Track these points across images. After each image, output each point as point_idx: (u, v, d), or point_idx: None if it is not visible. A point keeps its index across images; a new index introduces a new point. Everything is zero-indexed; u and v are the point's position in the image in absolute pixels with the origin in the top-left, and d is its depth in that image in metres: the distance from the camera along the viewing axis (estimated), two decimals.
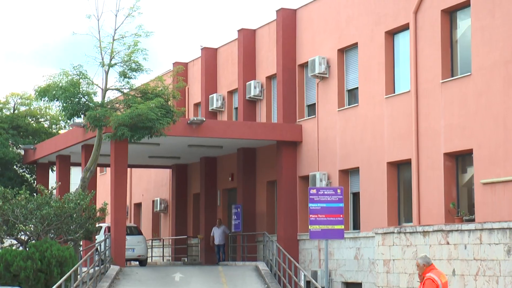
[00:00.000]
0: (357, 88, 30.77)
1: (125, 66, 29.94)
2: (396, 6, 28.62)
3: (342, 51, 31.64)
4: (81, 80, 29.58)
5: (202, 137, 32.94)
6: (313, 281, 25.21)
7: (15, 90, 56.82)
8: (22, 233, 28.11)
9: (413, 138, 27.46)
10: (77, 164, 38.95)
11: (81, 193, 29.39)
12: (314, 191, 25.01)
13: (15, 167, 42.39)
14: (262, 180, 36.25)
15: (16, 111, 43.68)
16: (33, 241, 27.15)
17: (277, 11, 34.39)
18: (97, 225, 30.97)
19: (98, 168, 40.94)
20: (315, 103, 32.95)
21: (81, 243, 30.98)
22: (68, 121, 32.80)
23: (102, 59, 29.89)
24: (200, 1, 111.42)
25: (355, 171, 30.76)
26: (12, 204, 27.67)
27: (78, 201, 28.66)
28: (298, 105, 34.04)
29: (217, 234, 36.42)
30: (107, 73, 30.01)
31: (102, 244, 31.21)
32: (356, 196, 30.68)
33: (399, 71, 29.07)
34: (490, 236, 22.43)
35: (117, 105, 30.34)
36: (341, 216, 24.90)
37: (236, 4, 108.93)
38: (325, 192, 25.19)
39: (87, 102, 29.66)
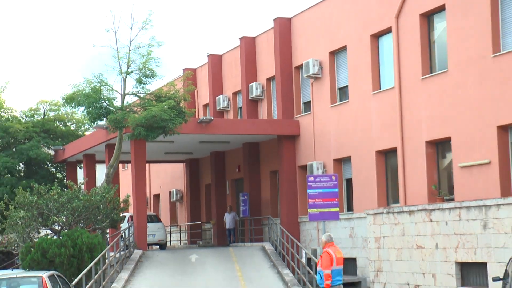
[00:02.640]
0: (347, 86, 30.79)
1: (140, 73, 29.97)
2: (379, 11, 28.64)
3: (333, 54, 31.65)
4: (102, 87, 29.64)
5: (211, 134, 33.03)
6: (313, 258, 25.29)
7: (45, 98, 56.79)
8: (56, 224, 28.10)
9: (398, 128, 27.51)
10: (102, 162, 39.13)
11: (106, 187, 29.57)
12: (311, 178, 25.08)
13: (47, 166, 42.51)
14: (265, 170, 36.32)
15: (46, 117, 43.70)
16: (66, 231, 27.26)
17: (274, 19, 34.44)
18: (121, 215, 30.93)
19: (120, 165, 40.83)
20: (310, 101, 33.03)
21: (107, 231, 31.05)
22: (92, 123, 32.77)
23: (120, 68, 29.97)
24: (205, 12, 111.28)
25: (347, 159, 30.81)
26: (45, 198, 27.70)
27: (104, 194, 28.80)
28: (295, 102, 34.11)
29: (228, 219, 36.60)
30: (125, 80, 30.08)
31: (126, 231, 31.47)
32: (349, 181, 30.75)
33: (384, 70, 29.06)
34: (468, 213, 22.51)
35: (135, 108, 30.34)
36: (336, 200, 24.99)
37: (237, 14, 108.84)
38: (321, 179, 25.25)
39: (108, 107, 29.72)
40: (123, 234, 30.94)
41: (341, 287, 16.99)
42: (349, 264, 29.89)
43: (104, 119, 30.09)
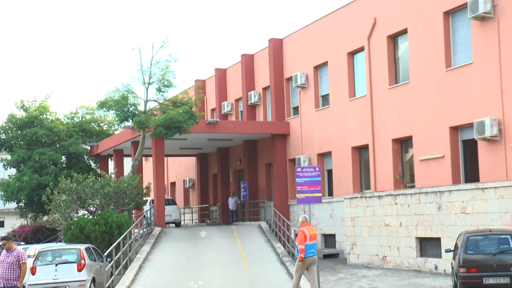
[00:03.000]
0: (328, 94, 30.79)
1: (160, 83, 30.00)
2: (354, 34, 28.69)
3: (317, 68, 31.66)
4: (128, 95, 29.74)
5: (217, 133, 32.96)
6: None
7: (82, 103, 56.96)
8: (91, 206, 28.19)
9: (369, 128, 27.57)
10: (128, 155, 39.16)
11: (131, 176, 29.53)
12: (299, 169, 25.06)
13: (84, 159, 42.54)
14: (261, 163, 36.30)
15: (83, 119, 43.58)
16: (99, 211, 27.25)
17: (269, 40, 34.46)
18: (144, 199, 30.97)
19: (143, 158, 40.83)
20: (298, 106, 32.99)
21: (133, 212, 30.95)
22: (120, 124, 32.89)
23: (143, 79, 30.01)
24: (213, 33, 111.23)
25: (328, 154, 30.83)
26: (83, 185, 27.71)
27: (130, 182, 28.80)
28: (286, 107, 34.08)
29: (231, 202, 36.45)
30: (147, 89, 30.11)
31: (148, 212, 31.40)
32: (329, 172, 30.74)
33: (358, 81, 29.05)
34: (426, 197, 22.67)
35: (155, 112, 30.35)
36: (319, 187, 24.91)
37: (239, 35, 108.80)
38: (307, 170, 25.21)
39: (133, 110, 29.83)
40: (146, 215, 30.86)
41: (315, 258, 17.09)
42: (330, 239, 30.08)
43: (130, 120, 30.16)
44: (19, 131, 41.38)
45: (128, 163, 39.47)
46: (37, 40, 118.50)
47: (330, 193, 30.53)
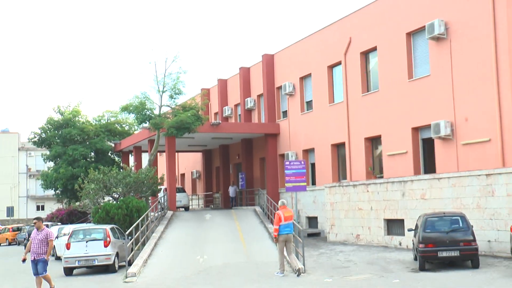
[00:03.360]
0: (312, 100, 30.71)
1: (172, 91, 29.91)
2: (333, 50, 28.63)
3: (302, 78, 31.58)
4: (146, 101, 29.63)
5: (219, 132, 32.88)
6: None
7: (108, 108, 56.91)
8: (115, 193, 28.23)
9: (345, 129, 27.52)
10: (145, 151, 38.96)
11: (148, 168, 29.57)
12: (288, 163, 25.05)
13: (109, 154, 42.62)
14: (256, 157, 36.21)
15: (108, 121, 43.75)
16: (121, 198, 27.32)
17: (262, 55, 34.33)
18: (158, 187, 30.94)
19: (158, 153, 40.99)
20: (286, 110, 32.92)
21: (149, 198, 31.00)
22: (139, 125, 32.92)
23: (158, 87, 29.96)
24: (216, 49, 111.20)
25: (312, 150, 30.77)
26: (108, 176, 27.82)
27: (147, 173, 28.86)
28: (277, 111, 33.98)
29: (231, 190, 36.29)
30: (161, 96, 30.04)
31: (162, 198, 31.33)
32: (313, 165, 30.68)
33: (336, 89, 28.99)
34: (392, 186, 22.71)
35: (168, 115, 30.29)
36: (304, 177, 25.01)
37: (238, 50, 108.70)
38: (294, 163, 25.19)
39: (150, 114, 29.73)
40: (160, 200, 30.82)
41: (289, 236, 17.14)
42: (313, 221, 30.06)
43: (147, 122, 30.09)
44: (56, 131, 41.48)
45: (145, 158, 39.45)
46: (72, 56, 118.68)
47: (313, 183, 30.47)
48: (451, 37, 21.79)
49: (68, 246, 20.26)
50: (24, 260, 15.49)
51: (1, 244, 43.65)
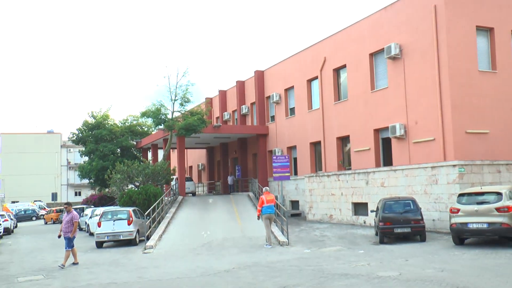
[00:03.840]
0: (294, 107, 30.50)
1: (182, 100, 29.67)
2: (311, 67, 28.46)
3: (287, 90, 31.38)
4: (161, 108, 29.45)
5: (220, 133, 32.69)
6: (276, 201, 25.45)
7: (130, 113, 56.57)
8: (136, 182, 28.14)
9: (321, 130, 27.36)
10: (161, 148, 38.79)
11: (163, 162, 29.44)
12: (275, 157, 25.06)
13: (132, 150, 42.47)
14: (250, 153, 36.02)
15: (131, 123, 43.53)
16: (142, 185, 27.24)
17: (254, 71, 33.98)
18: (171, 177, 30.80)
19: (171, 150, 40.87)
20: (274, 115, 32.70)
21: (164, 186, 30.90)
22: (156, 127, 32.79)
23: (171, 97, 29.74)
24: (217, 66, 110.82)
25: (294, 147, 30.58)
26: (131, 168, 27.74)
27: (162, 166, 28.70)
28: (266, 116, 33.67)
29: (229, 179, 36.05)
30: (173, 104, 29.79)
31: (174, 186, 31.23)
32: (295, 159, 30.48)
33: (314, 99, 28.76)
34: (358, 176, 22.71)
35: (178, 119, 30.09)
36: (288, 169, 24.99)
37: (235, 67, 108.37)
38: (280, 158, 25.20)
39: (164, 118, 29.51)
40: (172, 187, 30.74)
41: (271, 215, 17.22)
42: (295, 204, 29.89)
43: (162, 125, 29.92)
44: (90, 132, 41.10)
45: (160, 153, 39.33)
46: (103, 69, 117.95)
47: (296, 173, 30.34)
48: (404, 57, 21.73)
49: (99, 224, 20.19)
50: (59, 236, 15.53)
51: (48, 223, 43.49)
